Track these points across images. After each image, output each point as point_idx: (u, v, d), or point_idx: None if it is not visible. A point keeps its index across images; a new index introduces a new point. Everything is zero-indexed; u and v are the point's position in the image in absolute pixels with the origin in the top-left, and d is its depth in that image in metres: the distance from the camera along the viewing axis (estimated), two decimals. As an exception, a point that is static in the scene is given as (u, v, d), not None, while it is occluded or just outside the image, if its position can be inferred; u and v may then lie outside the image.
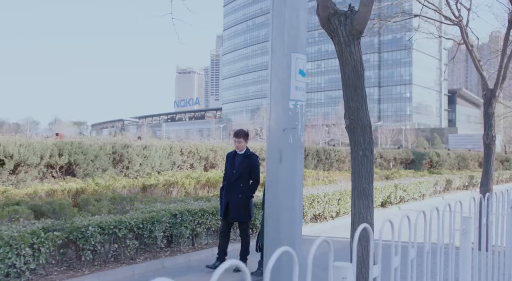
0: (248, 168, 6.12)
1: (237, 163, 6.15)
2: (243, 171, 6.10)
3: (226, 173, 6.24)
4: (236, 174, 6.09)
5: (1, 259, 4.83)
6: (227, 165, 6.27)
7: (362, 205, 4.24)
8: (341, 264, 1.90)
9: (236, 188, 6.07)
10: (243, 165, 6.10)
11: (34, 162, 9.25)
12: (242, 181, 6.09)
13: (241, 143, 6.18)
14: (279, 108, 2.92)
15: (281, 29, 2.94)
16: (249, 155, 6.22)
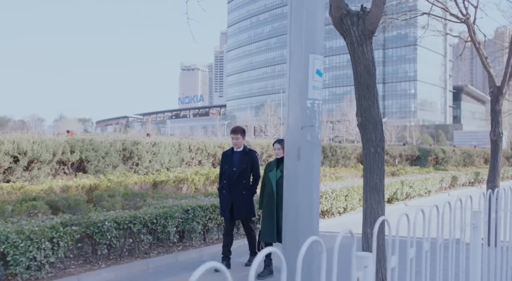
0: (250, 164, 6.08)
1: (236, 160, 6.07)
2: (245, 168, 6.05)
3: (225, 172, 6.12)
4: (237, 172, 6.02)
5: (22, 253, 4.99)
6: (224, 164, 6.17)
7: (373, 200, 4.36)
8: (363, 253, 2.03)
9: (239, 186, 6.00)
10: (244, 162, 6.05)
11: (46, 159, 9.42)
12: (245, 178, 6.05)
13: (238, 139, 6.14)
14: (297, 107, 3.04)
15: (299, 31, 3.05)
16: (248, 152, 6.19)
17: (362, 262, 2.01)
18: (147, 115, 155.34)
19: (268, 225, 5.72)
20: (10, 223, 5.42)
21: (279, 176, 5.74)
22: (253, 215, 6.25)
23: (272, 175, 5.84)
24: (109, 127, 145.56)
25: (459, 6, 8.16)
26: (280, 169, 5.76)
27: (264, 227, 5.74)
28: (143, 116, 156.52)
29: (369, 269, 2.02)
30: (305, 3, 3.02)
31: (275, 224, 5.69)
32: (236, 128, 6.28)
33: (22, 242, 4.98)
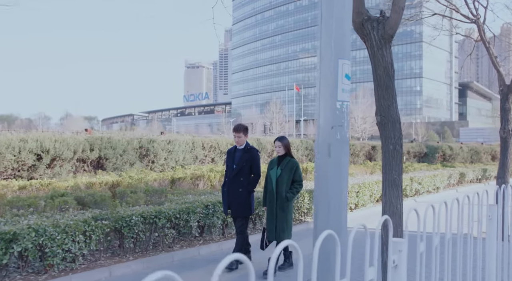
0: (249, 162, 6.03)
1: (237, 157, 6.07)
2: (244, 166, 6.01)
3: (227, 169, 6.16)
4: (236, 169, 6.00)
5: (59, 245, 5.29)
6: (228, 161, 6.21)
7: (392, 195, 4.63)
8: (397, 239, 2.31)
9: (236, 183, 6.00)
10: (243, 160, 6.03)
11: (68, 157, 9.73)
12: (242, 176, 6.01)
13: (241, 137, 6.10)
14: (328, 108, 3.29)
15: (329, 38, 3.31)
16: (249, 149, 6.14)
17: (397, 247, 2.29)
18: (152, 113, 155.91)
19: (269, 223, 5.79)
20: (45, 217, 5.73)
21: (279, 174, 5.79)
22: (249, 214, 6.13)
23: (272, 172, 5.86)
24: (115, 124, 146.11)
25: (469, 7, 8.37)
26: (280, 167, 5.82)
27: (267, 224, 5.83)
28: (148, 114, 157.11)
29: (403, 253, 2.29)
30: (335, 13, 3.28)
31: (274, 222, 5.74)
32: (238, 126, 6.23)
33: (58, 235, 5.28)
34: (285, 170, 5.79)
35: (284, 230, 5.75)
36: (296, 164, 5.89)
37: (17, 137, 8.98)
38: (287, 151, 5.91)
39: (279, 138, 5.98)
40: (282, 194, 5.74)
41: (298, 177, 5.87)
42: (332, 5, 3.28)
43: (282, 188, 5.74)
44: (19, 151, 8.93)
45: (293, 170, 5.82)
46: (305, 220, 9.46)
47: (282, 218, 5.76)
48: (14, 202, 6.28)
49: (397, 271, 2.25)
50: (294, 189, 5.83)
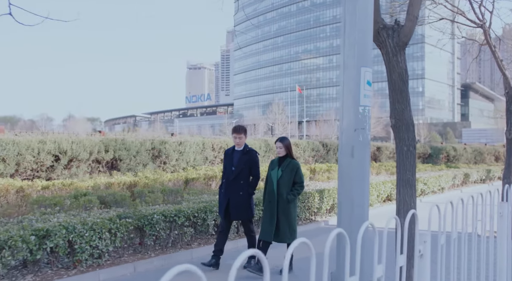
0: (248, 164, 5.94)
1: (236, 159, 5.94)
2: (243, 168, 5.90)
3: (225, 171, 6.05)
4: (235, 171, 5.88)
5: (87, 241, 5.56)
6: (225, 163, 6.06)
7: (406, 194, 4.90)
8: (422, 232, 2.56)
9: (236, 186, 5.88)
10: (242, 162, 5.91)
11: (84, 158, 10.01)
12: (242, 178, 5.90)
13: (241, 138, 5.99)
14: (351, 112, 3.55)
15: (352, 47, 3.57)
16: (248, 151, 6.02)
17: (422, 238, 2.55)
18: (154, 114, 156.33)
19: (268, 224, 5.71)
20: (72, 215, 6.00)
21: (280, 175, 5.73)
22: (251, 216, 6.08)
23: (273, 173, 5.80)
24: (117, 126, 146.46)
25: (475, 12, 8.62)
26: (281, 168, 5.77)
27: (263, 225, 5.75)
28: (150, 115, 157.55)
29: (428, 243, 2.55)
30: (357, 24, 3.53)
31: (274, 223, 5.67)
32: (239, 127, 6.12)
33: (86, 232, 5.55)
34: (286, 171, 5.74)
35: (286, 233, 5.69)
36: (297, 166, 5.84)
37: (36, 139, 9.25)
38: (288, 152, 5.84)
39: (280, 138, 5.93)
40: (283, 196, 5.70)
41: (299, 178, 5.81)
42: (355, 17, 3.54)
43: (283, 189, 5.71)
44: (38, 152, 9.20)
45: (294, 171, 5.77)
46: (315, 219, 9.71)
47: (284, 220, 5.69)
48: (41, 201, 6.56)
49: (422, 260, 2.51)
50: (295, 190, 5.77)
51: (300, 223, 9.21)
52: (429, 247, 2.54)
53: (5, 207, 6.62)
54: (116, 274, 5.73)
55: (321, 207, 9.74)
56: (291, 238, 5.71)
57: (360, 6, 3.57)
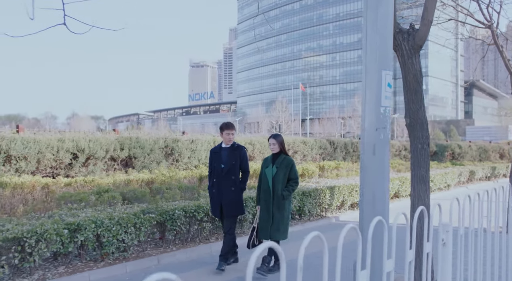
0: (238, 160, 5.90)
1: (225, 157, 5.89)
2: (234, 164, 5.86)
3: (213, 170, 5.94)
4: (225, 168, 5.83)
5: (114, 235, 5.84)
6: (213, 161, 5.96)
7: (421, 189, 5.15)
8: (445, 222, 2.81)
9: (228, 182, 5.83)
10: (233, 158, 5.87)
11: (100, 156, 10.29)
12: (233, 174, 5.86)
13: (234, 135, 5.99)
14: (372, 113, 3.80)
15: (373, 52, 3.81)
16: (237, 147, 6.00)
17: (445, 228, 2.80)
18: (158, 112, 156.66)
19: (265, 223, 5.66)
20: (98, 211, 6.27)
21: (275, 172, 5.66)
22: (241, 213, 6.05)
23: (268, 171, 5.73)
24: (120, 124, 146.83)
25: (483, 13, 8.83)
26: (276, 165, 5.69)
27: (262, 225, 5.70)
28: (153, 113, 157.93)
29: (450, 233, 2.80)
30: (379, 30, 3.78)
31: (270, 221, 5.62)
32: (231, 124, 6.06)
33: (113, 227, 5.82)
34: (281, 168, 5.68)
35: (279, 230, 5.64)
36: (291, 162, 5.78)
37: (55, 137, 9.53)
38: (281, 148, 5.78)
39: (274, 135, 5.86)
40: (278, 192, 5.64)
41: (294, 175, 5.75)
42: (376, 23, 3.79)
43: (278, 186, 5.64)
44: (58, 150, 9.48)
45: (288, 167, 5.71)
46: (326, 215, 9.96)
47: (278, 218, 5.64)
48: (66, 197, 6.83)
49: (445, 247, 2.77)
50: (290, 187, 5.70)
51: (312, 219, 9.48)
52: (451, 236, 2.79)
53: (34, 203, 6.89)
54: (141, 266, 6.01)
55: (332, 204, 9.99)
56: (282, 236, 5.68)
57: (381, 14, 3.82)
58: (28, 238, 4.93)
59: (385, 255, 2.25)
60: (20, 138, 8.92)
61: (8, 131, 9.52)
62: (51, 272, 5.41)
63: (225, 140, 5.97)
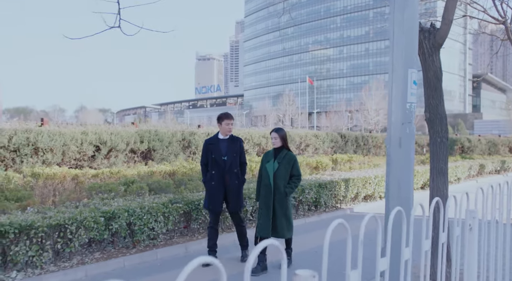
0: (238, 152, 5.80)
1: (224, 148, 5.73)
2: (235, 156, 5.75)
3: (214, 162, 5.71)
4: (228, 161, 5.70)
5: (145, 224, 6.15)
6: (211, 154, 5.74)
7: (439, 181, 5.40)
8: (472, 209, 3.07)
9: (231, 176, 5.72)
10: (233, 150, 5.74)
11: (122, 148, 10.61)
12: (235, 167, 5.76)
13: (232, 125, 5.84)
14: (399, 108, 4.05)
15: (400, 51, 4.06)
16: (236, 139, 5.87)
17: (472, 214, 3.07)
18: (164, 105, 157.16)
19: (265, 219, 5.50)
20: (128, 200, 6.59)
21: (276, 167, 5.49)
22: (244, 205, 6.01)
23: (269, 166, 5.55)
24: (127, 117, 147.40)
25: (498, 9, 9.00)
26: (277, 160, 5.52)
27: (260, 221, 5.55)
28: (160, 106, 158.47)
29: (476, 219, 3.07)
30: (405, 31, 4.02)
31: (271, 218, 5.45)
32: (230, 114, 5.88)
33: (144, 215, 6.14)
34: (283, 164, 5.49)
35: (284, 227, 5.50)
36: (294, 158, 5.60)
37: (79, 130, 9.86)
38: (283, 143, 5.61)
39: (276, 129, 5.65)
40: (280, 189, 5.46)
41: (296, 171, 5.57)
42: (402, 24, 4.03)
43: (280, 182, 5.47)
44: (81, 142, 9.81)
45: (291, 163, 5.52)
46: (341, 206, 10.24)
47: (281, 214, 5.48)
48: (96, 188, 7.16)
49: (472, 233, 3.03)
50: (292, 183, 5.54)
51: (327, 210, 9.76)
52: (477, 222, 3.05)
53: (67, 193, 7.22)
54: (170, 253, 6.32)
55: (346, 195, 10.27)
56: (289, 233, 5.57)
57: (407, 16, 4.06)
58: (69, 224, 5.26)
59: (403, 244, 2.39)
60: (47, 131, 9.25)
61: (34, 124, 9.85)
62: (88, 257, 5.74)
63: (224, 131, 5.77)
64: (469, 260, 3.05)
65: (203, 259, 0.95)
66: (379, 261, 2.04)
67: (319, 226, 8.44)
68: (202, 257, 0.97)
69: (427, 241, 2.67)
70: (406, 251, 2.42)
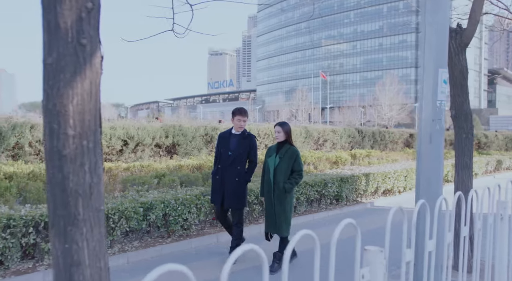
0: (247, 149, 5.63)
1: (233, 144, 5.61)
2: (241, 153, 5.58)
3: (220, 156, 5.67)
4: (232, 156, 5.56)
5: (180, 214, 6.47)
6: (220, 147, 5.70)
7: (464, 175, 5.63)
8: (504, 200, 3.30)
9: (232, 172, 5.55)
10: (241, 146, 5.60)
11: (148, 143, 10.96)
12: (239, 164, 5.58)
13: (246, 122, 5.71)
14: (429, 106, 4.28)
15: (431, 52, 4.28)
16: (248, 135, 5.70)
17: (503, 205, 3.30)
18: (177, 100, 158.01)
19: (268, 215, 5.45)
20: (162, 193, 6.91)
21: (277, 162, 5.37)
22: (243, 205, 5.75)
23: (270, 161, 5.45)
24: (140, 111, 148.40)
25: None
26: (279, 155, 5.40)
27: (266, 216, 5.53)
28: (173, 101, 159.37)
29: (507, 209, 3.30)
30: (436, 32, 4.23)
31: (274, 214, 5.38)
32: (243, 109, 5.75)
33: (178, 207, 6.45)
34: (284, 159, 5.36)
35: (282, 225, 5.38)
36: (296, 153, 5.43)
37: (108, 125, 10.23)
38: (287, 137, 5.45)
39: (280, 123, 5.51)
40: (279, 185, 5.34)
41: (298, 166, 5.41)
42: (434, 26, 4.26)
43: (280, 178, 5.34)
44: (110, 137, 10.18)
45: (292, 158, 5.37)
46: (361, 200, 10.47)
47: (280, 211, 5.37)
48: (130, 180, 7.50)
49: (503, 222, 3.27)
50: (293, 179, 5.36)
51: (349, 204, 10.00)
52: (508, 211, 3.29)
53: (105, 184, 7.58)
54: (203, 243, 6.64)
55: (367, 190, 10.49)
56: (286, 231, 5.42)
57: (439, 18, 4.29)
58: (112, 214, 5.60)
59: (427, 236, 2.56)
60: (78, 126, 9.61)
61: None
62: (127, 245, 6.08)
63: (235, 126, 5.68)
64: (501, 249, 3.29)
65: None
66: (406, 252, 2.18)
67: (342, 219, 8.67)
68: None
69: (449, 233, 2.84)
70: (429, 243, 2.57)
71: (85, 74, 1.85)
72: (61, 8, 1.77)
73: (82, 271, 1.85)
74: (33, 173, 7.13)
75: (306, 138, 15.63)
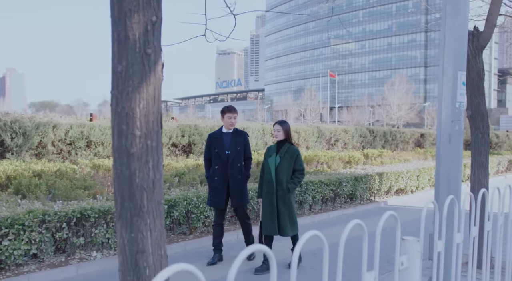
0: (242, 146, 5.64)
1: (228, 142, 5.58)
2: (239, 150, 5.59)
3: (217, 156, 5.57)
4: (232, 155, 5.54)
5: (201, 212, 6.68)
6: (214, 148, 5.60)
7: (481, 174, 5.77)
8: (522, 198, 3.45)
9: (234, 170, 5.56)
10: (237, 144, 5.59)
11: (164, 142, 11.19)
12: (239, 161, 5.60)
13: (235, 119, 5.69)
14: (449, 107, 4.45)
15: (450, 55, 4.44)
16: (240, 132, 5.73)
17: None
18: (186, 99, 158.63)
19: (269, 217, 5.31)
20: (183, 190, 7.12)
21: (278, 162, 5.29)
22: (248, 202, 5.83)
23: (271, 160, 5.37)
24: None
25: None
26: (279, 154, 5.33)
27: (264, 218, 5.35)
28: (181, 101, 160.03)
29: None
30: (455, 36, 4.40)
31: (275, 215, 5.27)
32: (233, 107, 5.75)
33: (200, 204, 6.67)
34: (285, 158, 5.29)
35: (287, 225, 5.31)
36: (297, 152, 5.39)
37: (127, 125, 10.46)
38: (287, 136, 5.39)
39: (280, 122, 5.46)
40: (282, 184, 5.26)
41: (299, 165, 5.35)
42: (453, 30, 4.42)
43: (282, 177, 5.27)
44: (129, 137, 10.41)
45: (293, 157, 5.32)
46: (375, 199, 10.62)
47: (284, 211, 5.28)
48: (152, 179, 7.71)
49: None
50: (295, 178, 5.32)
51: (362, 203, 10.16)
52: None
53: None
54: (224, 239, 6.77)
55: (380, 189, 10.64)
56: (293, 230, 5.38)
57: (459, 22, 4.45)
58: (139, 211, 5.80)
59: (456, 229, 2.72)
60: (98, 125, 9.88)
61: (84, 119, 10.49)
62: (152, 241, 6.29)
63: (226, 124, 5.64)
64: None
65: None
66: (437, 243, 2.37)
67: (356, 217, 8.84)
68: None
69: (474, 227, 2.98)
70: (457, 235, 2.74)
71: (150, 81, 2.07)
72: (130, 21, 1.98)
73: (146, 258, 2.07)
74: (60, 171, 7.38)
75: (319, 137, 15.80)
